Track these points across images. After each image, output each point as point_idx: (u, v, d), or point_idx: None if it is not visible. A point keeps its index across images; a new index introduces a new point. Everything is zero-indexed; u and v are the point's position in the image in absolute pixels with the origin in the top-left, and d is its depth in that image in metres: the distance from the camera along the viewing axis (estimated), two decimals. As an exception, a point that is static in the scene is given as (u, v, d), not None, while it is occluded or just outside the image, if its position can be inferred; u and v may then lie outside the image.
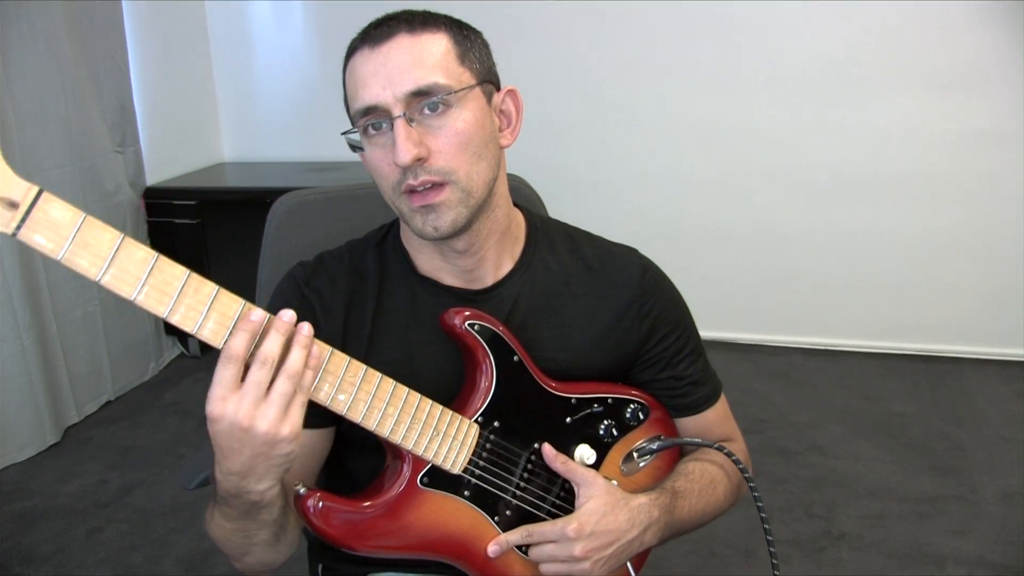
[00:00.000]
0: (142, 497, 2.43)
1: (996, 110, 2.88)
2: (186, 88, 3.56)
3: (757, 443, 2.61)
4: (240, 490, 0.79)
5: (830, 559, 2.08)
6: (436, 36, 0.90)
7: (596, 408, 1.02)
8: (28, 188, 0.66)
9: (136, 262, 0.69)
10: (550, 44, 3.21)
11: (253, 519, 0.84)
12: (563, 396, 1.00)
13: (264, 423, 0.74)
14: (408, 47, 0.88)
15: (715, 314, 3.30)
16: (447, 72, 0.88)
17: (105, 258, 0.68)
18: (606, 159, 3.31)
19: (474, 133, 0.90)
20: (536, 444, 0.97)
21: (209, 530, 0.91)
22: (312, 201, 1.28)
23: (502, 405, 0.94)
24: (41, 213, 0.66)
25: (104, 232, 0.68)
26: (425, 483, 0.91)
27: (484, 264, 0.99)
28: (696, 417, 1.10)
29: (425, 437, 0.88)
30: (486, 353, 0.93)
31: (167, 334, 3.34)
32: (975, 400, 2.86)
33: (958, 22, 2.84)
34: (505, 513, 0.96)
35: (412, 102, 0.87)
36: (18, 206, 0.66)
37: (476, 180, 0.90)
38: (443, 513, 0.92)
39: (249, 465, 0.76)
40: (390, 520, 0.89)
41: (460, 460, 0.91)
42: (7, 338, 2.55)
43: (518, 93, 0.98)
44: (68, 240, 0.67)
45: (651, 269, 1.08)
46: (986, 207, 2.99)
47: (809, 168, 3.12)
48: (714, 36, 3.06)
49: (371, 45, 0.89)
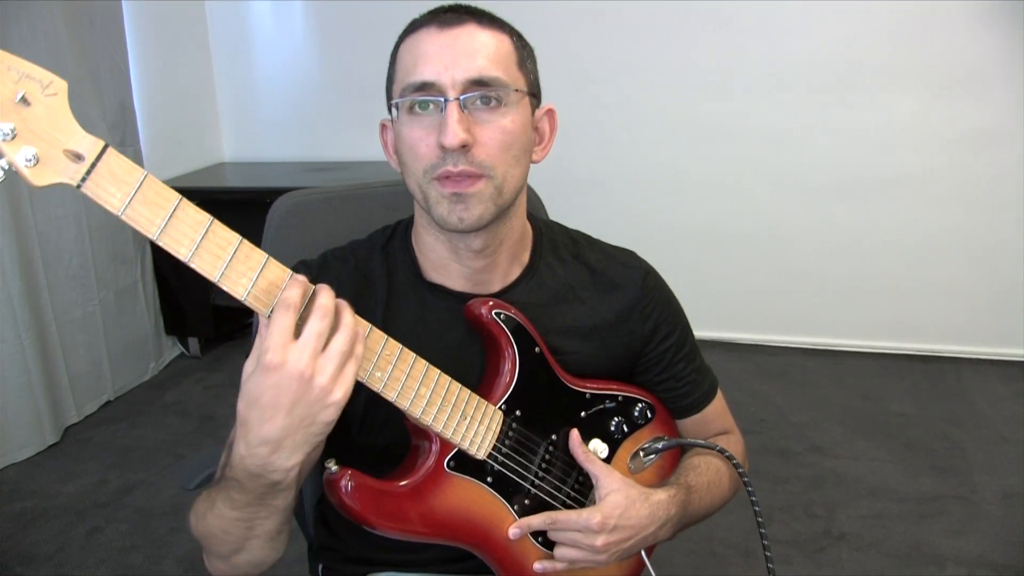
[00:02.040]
0: (142, 497, 2.42)
1: (996, 110, 2.88)
2: (186, 88, 3.56)
3: (757, 443, 2.61)
4: (265, 466, 0.76)
5: (830, 559, 2.08)
6: (502, 35, 0.92)
7: (608, 404, 1.04)
8: (95, 142, 0.68)
9: (192, 224, 0.71)
10: (550, 44, 3.16)
11: (265, 504, 0.81)
12: (578, 390, 1.02)
13: (323, 376, 0.73)
14: (476, 36, 0.89)
15: (715, 314, 3.31)
16: (507, 71, 0.90)
17: (164, 216, 0.70)
18: (606, 159, 3.31)
19: (518, 136, 0.91)
20: (554, 436, 0.99)
21: (199, 525, 0.87)
22: (311, 201, 1.27)
23: (523, 394, 0.95)
24: (105, 167, 0.68)
25: (164, 191, 0.70)
26: (451, 467, 0.91)
27: (494, 269, 0.99)
28: (695, 416, 1.12)
29: (454, 420, 0.88)
30: (510, 342, 0.94)
31: (167, 334, 3.34)
32: (975, 400, 2.86)
33: (958, 22, 2.84)
34: (523, 502, 0.96)
35: (469, 89, 0.87)
36: (84, 159, 0.67)
37: (510, 181, 0.91)
38: (466, 498, 0.92)
39: (288, 432, 0.74)
40: (416, 502, 0.89)
41: (485, 445, 0.92)
42: (7, 338, 2.55)
43: (556, 114, 1.00)
44: (129, 196, 0.68)
45: (651, 272, 1.10)
46: (986, 207, 2.99)
47: (809, 168, 3.12)
48: (714, 36, 3.06)
49: (440, 26, 0.89)
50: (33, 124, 0.66)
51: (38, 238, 2.67)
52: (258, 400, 0.74)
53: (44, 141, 0.66)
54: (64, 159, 0.67)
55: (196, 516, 0.88)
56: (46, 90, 0.67)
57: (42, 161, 0.66)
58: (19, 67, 0.65)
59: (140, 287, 3.15)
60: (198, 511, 0.88)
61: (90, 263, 2.89)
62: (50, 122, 0.66)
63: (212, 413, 2.92)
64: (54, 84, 0.67)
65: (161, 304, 3.27)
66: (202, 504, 0.88)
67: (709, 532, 2.08)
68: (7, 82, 0.65)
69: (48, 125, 0.66)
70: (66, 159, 0.67)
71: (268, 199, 1.30)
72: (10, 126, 0.65)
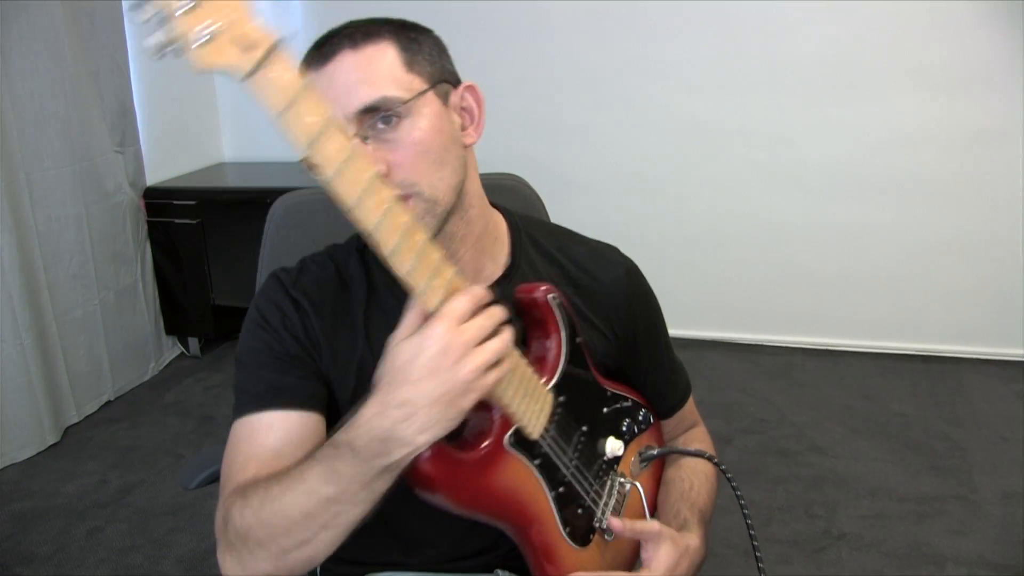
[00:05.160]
0: (142, 497, 2.43)
1: (996, 110, 2.88)
2: (186, 88, 3.56)
3: (757, 443, 2.61)
4: (391, 432, 0.75)
5: (830, 559, 2.08)
6: (380, 46, 0.87)
7: (624, 404, 1.05)
8: (267, 35, 0.64)
9: (337, 147, 0.69)
10: (550, 44, 3.21)
11: (367, 485, 0.78)
12: (603, 387, 1.02)
13: (474, 362, 0.75)
14: (352, 64, 0.86)
15: (715, 314, 3.30)
16: (395, 82, 0.86)
17: (315, 133, 0.67)
18: (606, 159, 3.31)
19: (432, 140, 0.87)
20: (584, 427, 0.99)
21: (261, 511, 0.81)
22: (311, 201, 1.28)
23: (567, 381, 0.95)
24: (275, 64, 0.64)
25: (318, 104, 0.67)
26: (511, 443, 0.89)
27: (463, 267, 0.97)
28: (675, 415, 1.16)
29: (518, 395, 0.87)
30: (559, 327, 0.94)
31: (167, 334, 3.34)
32: (975, 400, 2.86)
33: (958, 22, 2.83)
34: (559, 489, 0.95)
35: (364, 119, 0.85)
36: (256, 50, 0.63)
37: (440, 187, 0.89)
38: (518, 478, 0.91)
39: (429, 400, 0.75)
40: (479, 476, 0.88)
41: (539, 425, 0.91)
42: (7, 338, 2.55)
43: (477, 88, 0.96)
44: (288, 103, 0.65)
45: (632, 267, 1.10)
46: (986, 207, 2.99)
47: (809, 168, 3.12)
48: (714, 36, 3.06)
49: (316, 66, 0.87)
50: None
51: (38, 238, 2.67)
52: (412, 361, 0.75)
53: (225, 18, 0.61)
54: (235, 47, 0.62)
55: (258, 502, 0.82)
56: None
57: (216, 41, 0.60)
58: None
59: (140, 287, 3.15)
60: (267, 495, 0.82)
61: (90, 263, 2.89)
62: (231, 2, 0.61)
63: (212, 413, 2.92)
64: None
65: (161, 304, 3.27)
66: (271, 488, 0.82)
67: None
68: None
69: (229, 4, 0.61)
70: (236, 48, 0.61)
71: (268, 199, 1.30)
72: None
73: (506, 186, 1.30)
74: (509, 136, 3.02)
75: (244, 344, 0.96)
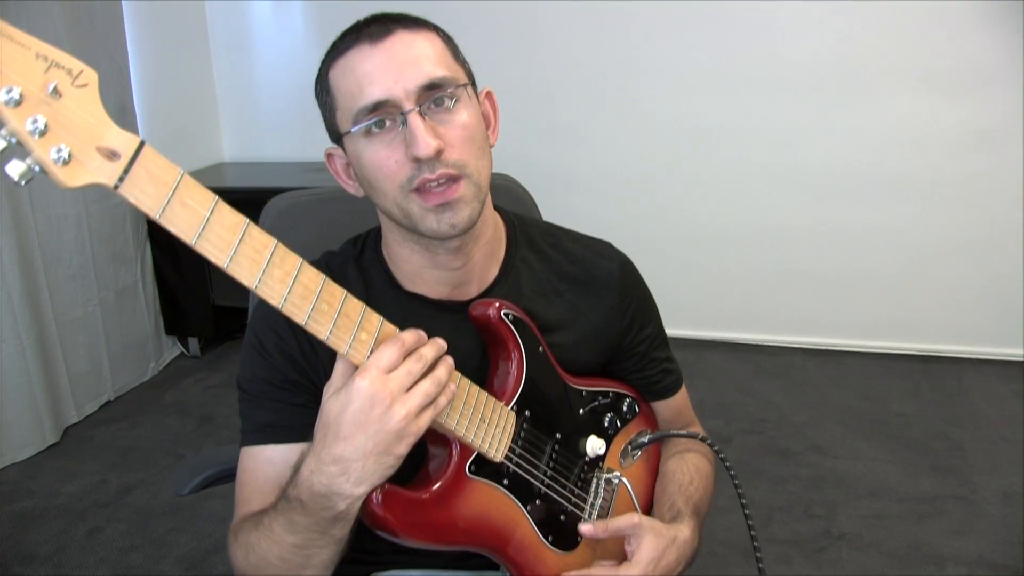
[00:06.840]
0: (142, 497, 2.43)
1: (997, 110, 2.88)
2: (186, 88, 3.56)
3: (757, 443, 2.61)
4: (331, 487, 0.78)
5: (830, 559, 2.08)
6: (431, 34, 0.90)
7: (602, 401, 1.05)
8: (130, 138, 0.63)
9: (231, 223, 0.68)
10: (550, 44, 3.20)
11: (324, 533, 0.81)
12: (576, 388, 1.02)
13: (403, 409, 0.76)
14: (411, 43, 0.87)
15: (715, 314, 3.30)
16: (450, 67, 0.89)
17: (201, 220, 0.66)
18: (605, 159, 3.31)
19: (477, 128, 0.90)
20: (558, 434, 0.99)
21: (250, 555, 0.86)
22: (304, 203, 1.27)
23: (531, 394, 0.95)
24: (142, 167, 0.64)
25: (201, 192, 0.67)
26: (472, 472, 0.90)
27: (472, 268, 0.98)
28: (668, 402, 1.15)
29: (474, 424, 0.88)
30: (517, 343, 0.94)
31: (167, 334, 3.33)
32: (975, 400, 2.86)
33: (958, 22, 2.83)
34: (535, 502, 0.96)
35: (424, 97, 0.86)
36: (120, 157, 0.63)
37: (483, 174, 0.91)
38: (487, 502, 0.92)
39: (361, 454, 0.77)
40: (442, 510, 0.88)
41: (502, 448, 0.92)
42: (7, 338, 2.55)
43: (494, 95, 0.99)
44: (167, 198, 0.65)
45: (627, 263, 1.11)
46: (986, 207, 2.99)
47: (809, 168, 3.12)
48: (714, 36, 3.06)
49: (370, 41, 0.87)
50: (65, 118, 0.59)
51: (38, 238, 2.67)
52: (340, 416, 0.76)
53: (77, 137, 0.60)
54: (98, 157, 0.61)
55: (245, 548, 0.87)
56: (76, 80, 0.60)
57: (75, 159, 0.60)
58: (48, 54, 0.59)
59: (140, 287, 3.15)
60: (248, 542, 0.87)
61: (90, 263, 2.89)
62: (82, 116, 0.60)
63: (212, 413, 2.92)
64: (84, 74, 0.61)
65: (161, 304, 3.27)
66: (251, 534, 0.86)
67: (709, 532, 2.05)
68: (37, 71, 0.58)
69: (80, 119, 0.60)
70: (100, 157, 0.61)
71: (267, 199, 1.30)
72: (44, 120, 0.58)
73: (498, 186, 1.30)
74: (505, 136, 3.00)
75: (244, 371, 0.97)
